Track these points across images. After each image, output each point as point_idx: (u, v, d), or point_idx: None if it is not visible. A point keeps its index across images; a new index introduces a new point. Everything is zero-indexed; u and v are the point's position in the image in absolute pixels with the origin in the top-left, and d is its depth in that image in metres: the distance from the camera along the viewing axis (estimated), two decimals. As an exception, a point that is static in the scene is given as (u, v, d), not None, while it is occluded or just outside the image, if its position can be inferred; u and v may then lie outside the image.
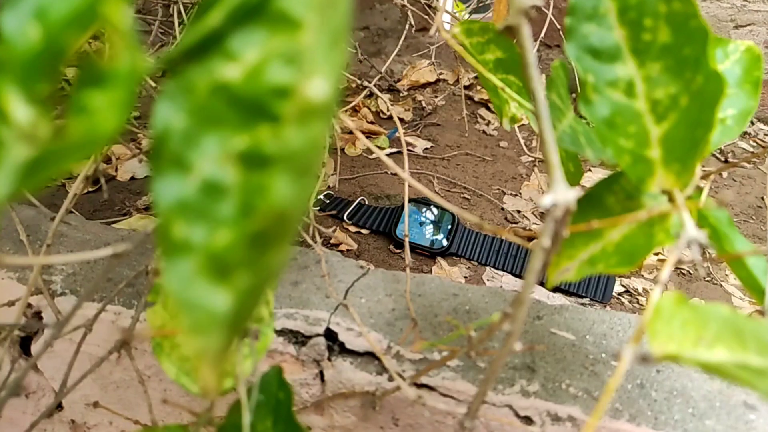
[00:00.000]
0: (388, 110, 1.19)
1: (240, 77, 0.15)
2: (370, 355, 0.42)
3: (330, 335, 0.43)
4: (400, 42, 0.68)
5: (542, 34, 0.89)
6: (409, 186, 0.98)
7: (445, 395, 0.40)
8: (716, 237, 0.30)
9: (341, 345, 0.43)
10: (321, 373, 0.43)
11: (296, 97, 0.15)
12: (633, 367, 0.40)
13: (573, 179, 0.36)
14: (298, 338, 0.44)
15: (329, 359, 0.43)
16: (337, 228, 0.83)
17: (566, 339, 0.42)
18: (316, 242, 0.44)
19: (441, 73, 1.25)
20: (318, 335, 0.43)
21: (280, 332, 0.44)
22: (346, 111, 1.14)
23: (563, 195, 0.20)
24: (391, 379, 0.41)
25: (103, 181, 0.46)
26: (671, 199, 0.27)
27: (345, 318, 0.44)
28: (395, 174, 1.00)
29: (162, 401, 0.45)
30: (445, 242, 0.80)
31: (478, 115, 1.16)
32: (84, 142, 0.14)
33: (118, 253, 0.22)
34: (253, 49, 0.15)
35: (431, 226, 0.83)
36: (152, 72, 0.16)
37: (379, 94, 0.52)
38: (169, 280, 0.15)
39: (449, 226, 0.82)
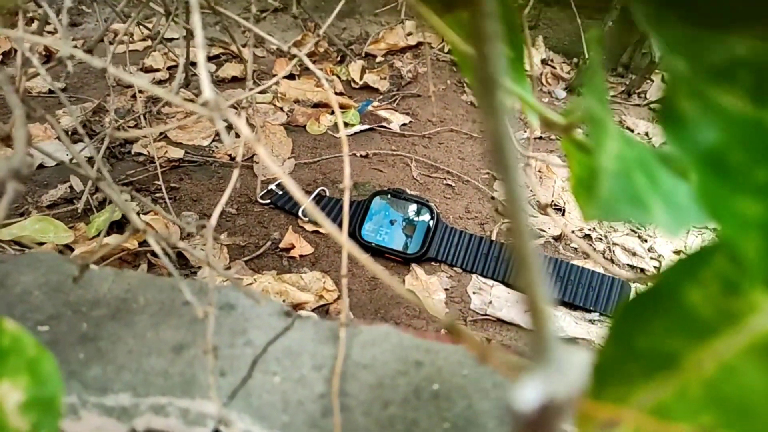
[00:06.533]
0: (332, 80, 1.02)
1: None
2: (282, 473, 0.27)
3: (221, 441, 0.28)
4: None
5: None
6: (376, 177, 0.82)
7: None
8: None
9: (236, 458, 0.28)
10: (208, 498, 0.28)
11: None
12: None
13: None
14: (173, 444, 0.28)
15: (219, 478, 0.28)
16: (288, 229, 0.67)
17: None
18: (206, 296, 0.28)
19: (408, 33, 1.07)
20: (202, 441, 0.28)
21: (146, 435, 0.28)
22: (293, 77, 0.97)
23: (563, 383, 0.06)
24: None
25: None
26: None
27: (246, 411, 0.28)
28: (366, 156, 0.84)
29: None
30: (420, 245, 0.65)
31: (464, 84, 0.99)
32: None
33: None
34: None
35: (404, 224, 0.67)
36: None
37: (308, 62, 0.35)
38: None
39: (427, 225, 0.66)
